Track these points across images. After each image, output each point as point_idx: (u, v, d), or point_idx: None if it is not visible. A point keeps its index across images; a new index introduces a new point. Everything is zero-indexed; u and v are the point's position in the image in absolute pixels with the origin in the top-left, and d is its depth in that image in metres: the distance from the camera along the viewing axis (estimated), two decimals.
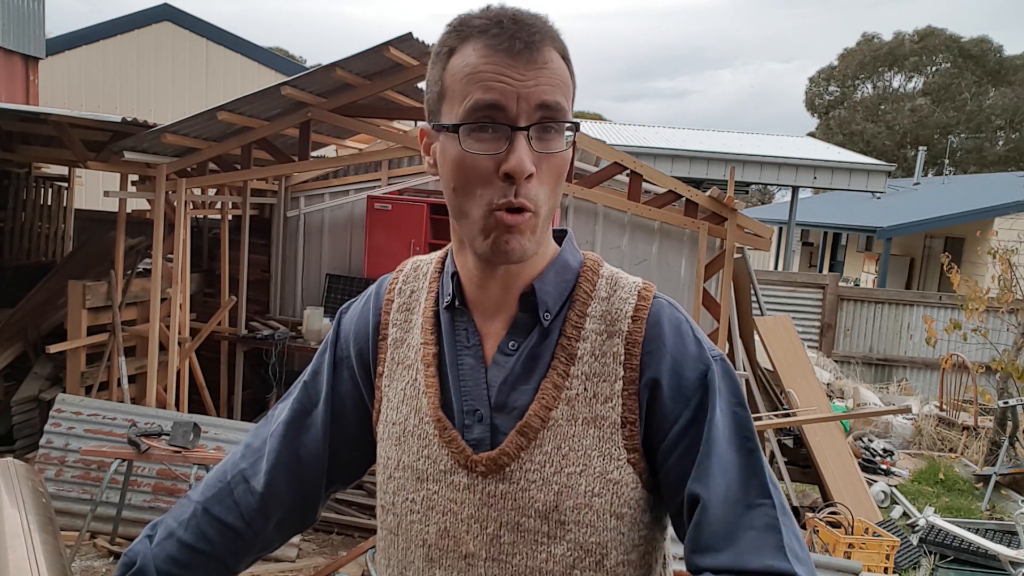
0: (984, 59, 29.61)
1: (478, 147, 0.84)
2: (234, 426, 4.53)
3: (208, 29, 9.78)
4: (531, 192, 0.85)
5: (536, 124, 0.84)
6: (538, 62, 0.84)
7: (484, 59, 0.84)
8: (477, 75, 0.84)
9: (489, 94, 0.83)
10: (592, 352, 0.91)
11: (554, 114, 0.85)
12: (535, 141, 0.85)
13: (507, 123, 0.84)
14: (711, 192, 5.03)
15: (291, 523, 1.09)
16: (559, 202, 0.91)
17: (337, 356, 1.05)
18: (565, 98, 0.87)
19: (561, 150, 0.87)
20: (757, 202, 29.64)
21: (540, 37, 0.85)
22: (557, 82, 0.85)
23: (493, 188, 0.85)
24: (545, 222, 0.89)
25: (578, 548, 0.89)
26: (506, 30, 0.84)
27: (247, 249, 5.94)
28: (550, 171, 0.87)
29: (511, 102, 0.83)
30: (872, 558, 4.29)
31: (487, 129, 0.84)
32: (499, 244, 0.86)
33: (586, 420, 0.90)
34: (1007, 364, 6.41)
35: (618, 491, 0.90)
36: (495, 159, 0.84)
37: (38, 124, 5.17)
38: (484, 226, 0.86)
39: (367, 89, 4.71)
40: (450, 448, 0.92)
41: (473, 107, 0.84)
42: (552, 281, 0.94)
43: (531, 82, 0.83)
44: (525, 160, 0.83)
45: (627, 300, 0.94)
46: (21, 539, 1.04)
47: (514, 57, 0.83)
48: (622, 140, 13.11)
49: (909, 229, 13.61)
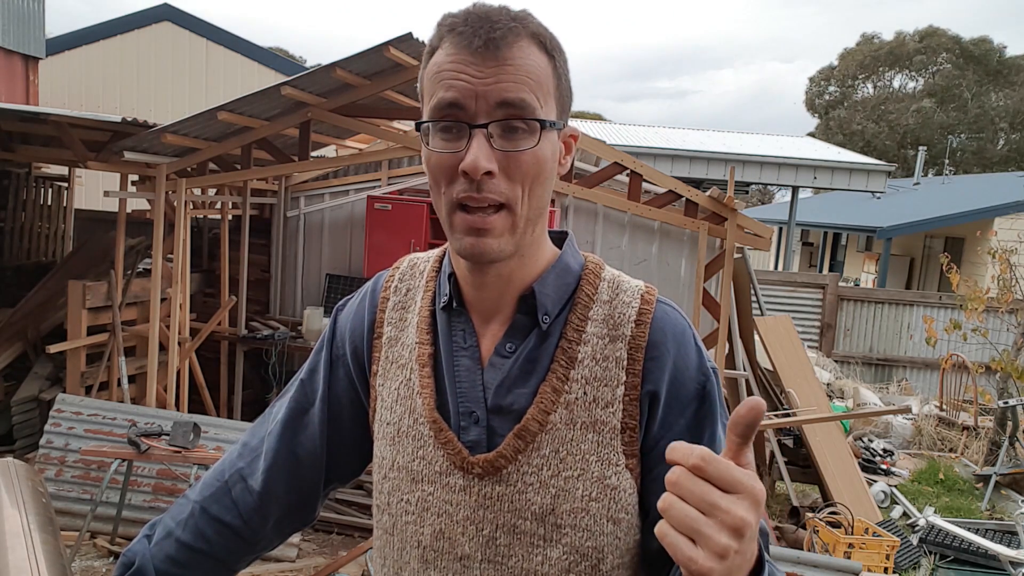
0: (985, 59, 29.61)
1: (441, 145, 0.85)
2: (234, 426, 4.53)
3: (208, 29, 9.78)
4: (496, 187, 0.84)
5: (498, 122, 0.83)
6: (500, 58, 0.83)
7: (449, 57, 0.84)
8: (441, 74, 0.84)
9: (449, 93, 0.83)
10: (593, 356, 0.90)
11: (519, 112, 0.83)
12: (497, 139, 0.83)
13: (466, 121, 0.83)
14: (711, 192, 5.03)
15: (290, 521, 1.08)
16: (542, 203, 0.89)
17: (333, 355, 1.04)
18: (535, 94, 0.84)
19: (528, 148, 0.84)
20: (757, 202, 29.64)
21: (503, 33, 0.83)
22: (523, 78, 0.83)
23: (455, 185, 0.85)
24: (528, 223, 0.88)
25: (574, 552, 0.89)
26: (470, 26, 0.83)
27: (247, 249, 5.94)
28: (519, 170, 0.85)
29: (469, 100, 0.83)
30: (872, 558, 4.29)
31: (451, 129, 0.84)
32: (468, 245, 0.86)
33: (585, 424, 0.89)
34: (1007, 364, 6.41)
35: (616, 496, 0.89)
36: (456, 156, 0.84)
37: (38, 124, 5.17)
38: (450, 223, 0.87)
39: (367, 89, 4.72)
40: (446, 450, 0.91)
41: (436, 106, 0.84)
42: (552, 284, 0.93)
43: (491, 79, 0.82)
44: (480, 158, 0.82)
45: (630, 304, 0.93)
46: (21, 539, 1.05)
47: (474, 53, 0.82)
48: (622, 140, 13.10)
49: (909, 229, 13.61)
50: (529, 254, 0.92)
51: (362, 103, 4.90)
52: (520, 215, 0.86)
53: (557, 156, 0.90)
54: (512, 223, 0.86)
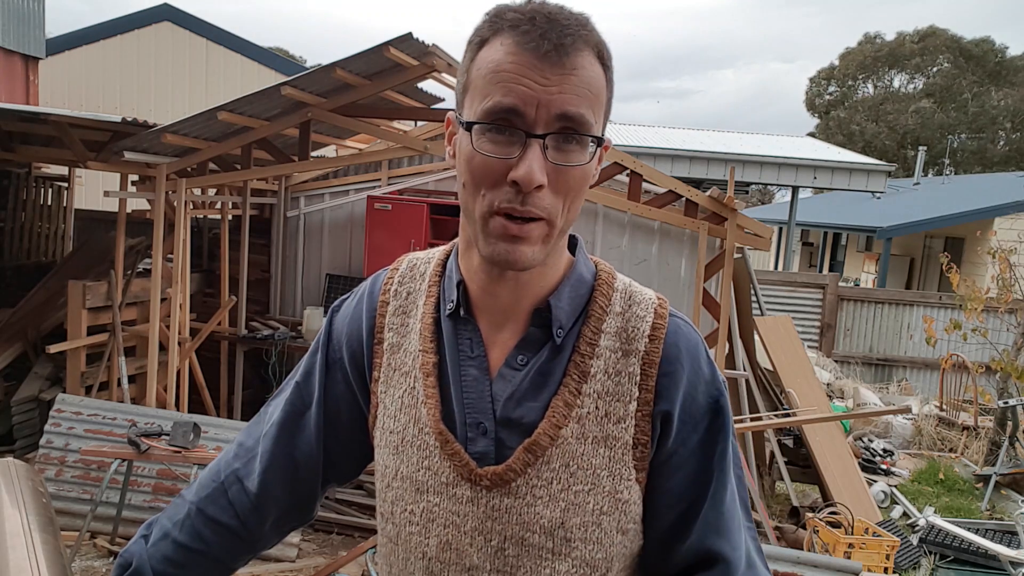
0: (985, 60, 29.60)
1: (490, 148, 0.81)
2: (234, 426, 4.52)
3: (208, 29, 9.79)
4: (541, 202, 0.81)
5: (554, 134, 0.80)
6: (566, 66, 0.79)
7: (510, 56, 0.80)
8: (500, 74, 0.80)
9: (508, 98, 0.79)
10: (606, 370, 0.89)
11: (576, 126, 0.81)
12: (551, 151, 0.81)
13: (523, 129, 0.80)
14: (711, 192, 5.03)
15: (288, 521, 1.08)
16: (575, 216, 0.87)
17: (330, 358, 1.02)
18: (592, 110, 0.82)
19: (580, 164, 0.82)
20: (757, 202, 29.64)
21: (573, 39, 0.80)
22: (584, 91, 0.81)
23: (499, 191, 0.81)
24: (560, 234, 0.86)
25: (584, 564, 0.89)
26: (537, 27, 0.80)
27: (247, 249, 5.94)
28: (567, 184, 0.83)
29: (530, 108, 0.79)
30: (872, 558, 4.28)
31: (503, 131, 0.80)
32: (502, 251, 0.83)
33: (596, 439, 0.88)
34: (1007, 364, 6.41)
35: (626, 509, 0.89)
36: (506, 163, 0.80)
37: (38, 124, 5.17)
38: (484, 227, 0.83)
39: (367, 89, 4.72)
40: (453, 461, 0.90)
41: (491, 109, 0.80)
42: (567, 297, 0.91)
43: (555, 88, 0.79)
44: (535, 170, 0.79)
45: (644, 318, 0.91)
46: (21, 539, 1.05)
47: (541, 58, 0.79)
48: (622, 140, 13.11)
49: (909, 229, 13.61)
50: (551, 262, 0.90)
51: (362, 103, 4.91)
52: (557, 227, 0.84)
53: (596, 170, 0.89)
54: (548, 234, 0.84)
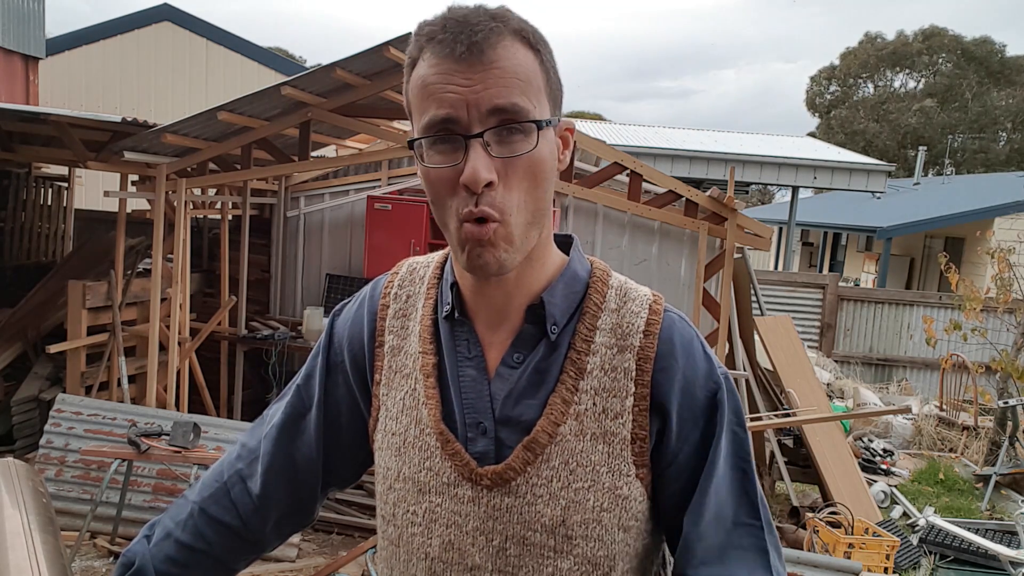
0: (986, 60, 29.61)
1: (439, 159, 0.82)
2: (234, 426, 4.53)
3: (208, 29, 9.79)
4: (495, 200, 0.81)
5: (492, 129, 0.80)
6: (485, 62, 0.79)
7: (432, 69, 0.81)
8: (428, 88, 0.81)
9: (441, 108, 0.80)
10: (602, 366, 0.90)
11: (512, 116, 0.80)
12: (494, 147, 0.81)
13: (461, 133, 0.80)
14: (711, 192, 5.03)
15: (289, 523, 1.08)
16: (544, 205, 0.86)
17: (331, 361, 1.03)
18: (525, 96, 0.81)
19: (527, 151, 0.82)
20: (757, 202, 29.64)
21: (486, 34, 0.80)
22: (511, 80, 0.80)
23: (458, 199, 0.82)
24: (525, 228, 0.84)
25: (585, 562, 0.89)
26: (449, 33, 0.80)
27: (247, 249, 5.94)
28: (520, 174, 0.82)
29: (461, 111, 0.80)
30: (872, 558, 4.29)
31: (446, 140, 0.81)
32: (473, 258, 0.83)
33: (595, 435, 0.88)
34: (1007, 364, 6.41)
35: (627, 506, 0.89)
36: (456, 170, 0.81)
37: (38, 124, 5.17)
38: (458, 238, 0.83)
39: (367, 89, 4.72)
40: (453, 461, 0.90)
41: (429, 123, 0.81)
42: (561, 293, 0.91)
43: (479, 86, 0.79)
44: (480, 168, 0.79)
45: (638, 314, 0.92)
46: (21, 539, 1.05)
47: (458, 61, 0.79)
48: (622, 140, 13.11)
49: (909, 229, 13.61)
50: (536, 256, 0.90)
51: (362, 103, 4.90)
52: (514, 223, 0.83)
53: (556, 154, 0.88)
54: (508, 233, 0.83)
